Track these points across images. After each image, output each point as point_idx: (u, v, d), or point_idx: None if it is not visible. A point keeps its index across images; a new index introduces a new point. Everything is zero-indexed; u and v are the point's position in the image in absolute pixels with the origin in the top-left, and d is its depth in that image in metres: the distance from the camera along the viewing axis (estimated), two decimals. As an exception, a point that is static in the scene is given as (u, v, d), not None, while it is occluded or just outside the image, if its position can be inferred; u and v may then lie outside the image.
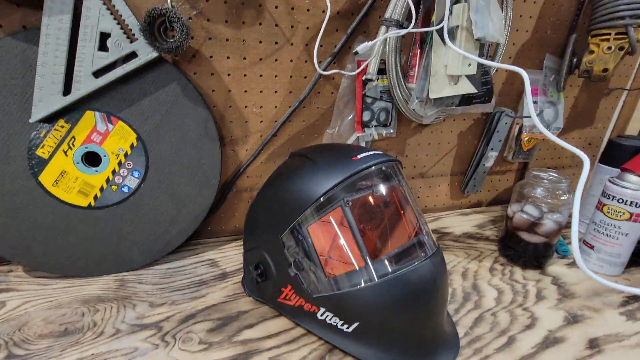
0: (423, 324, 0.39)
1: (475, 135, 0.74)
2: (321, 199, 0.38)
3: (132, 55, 0.46)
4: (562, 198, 0.54)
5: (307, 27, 0.54)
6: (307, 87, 0.55)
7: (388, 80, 0.55)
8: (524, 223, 0.56)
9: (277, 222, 0.41)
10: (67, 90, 0.44)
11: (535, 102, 0.71)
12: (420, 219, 0.44)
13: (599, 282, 0.34)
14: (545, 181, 0.55)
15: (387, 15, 0.51)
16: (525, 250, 0.57)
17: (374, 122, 0.61)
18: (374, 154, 0.41)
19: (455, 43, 0.50)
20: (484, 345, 0.42)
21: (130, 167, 0.49)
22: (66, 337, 0.40)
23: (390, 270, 0.38)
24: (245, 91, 0.55)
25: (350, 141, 0.61)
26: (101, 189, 0.49)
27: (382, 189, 0.41)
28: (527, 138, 0.73)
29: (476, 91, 0.56)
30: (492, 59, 0.61)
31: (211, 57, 0.52)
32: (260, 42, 0.53)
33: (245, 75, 0.54)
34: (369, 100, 0.59)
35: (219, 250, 0.59)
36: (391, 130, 0.63)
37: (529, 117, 0.72)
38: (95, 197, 0.49)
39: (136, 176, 0.50)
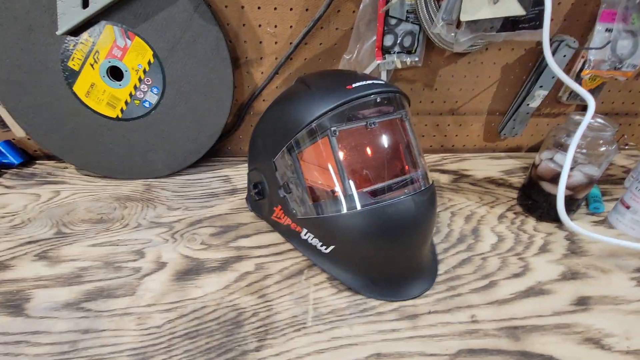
0: (396, 257, 0.40)
1: (525, 69, 0.64)
2: (310, 125, 0.38)
3: (142, -35, 0.45)
4: (601, 149, 0.47)
5: None
6: (324, 5, 0.51)
7: (413, -3, 0.48)
8: (549, 172, 0.51)
9: (271, 145, 0.42)
10: (85, 3, 0.46)
11: (609, 31, 0.57)
12: (417, 157, 0.42)
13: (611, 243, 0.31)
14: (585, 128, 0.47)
15: None
16: (545, 201, 0.53)
17: (396, 48, 0.55)
18: (372, 83, 0.39)
19: (499, -52, 0.41)
20: (460, 285, 0.42)
21: (149, 83, 0.53)
22: (100, 224, 0.49)
23: (368, 202, 0.38)
24: (259, 7, 0.53)
25: (369, 69, 0.57)
26: (126, 102, 0.53)
27: (375, 121, 0.39)
28: (588, 75, 0.61)
29: (524, 13, 0.47)
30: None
31: (222, -32, 0.49)
32: (274, -51, 0.48)
33: (257, -10, 0.51)
34: (392, 21, 0.53)
35: (234, 169, 0.64)
36: (416, 58, 0.57)
37: (600, 48, 0.59)
38: (122, 110, 0.54)
39: (155, 92, 0.53)
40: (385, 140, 0.42)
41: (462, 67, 0.62)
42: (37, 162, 0.63)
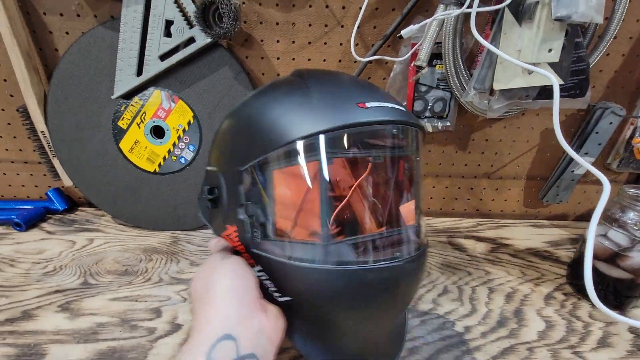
0: (356, 329, 0.33)
1: (566, 135, 0.61)
2: (300, 142, 0.28)
3: (191, 40, 0.50)
4: (665, 228, 0.42)
5: (360, 7, 0.51)
6: (355, 73, 0.53)
7: (444, 66, 0.48)
8: (603, 251, 0.46)
9: (243, 149, 0.32)
10: (139, 72, 0.51)
11: (660, 98, 0.54)
12: (416, 210, 0.34)
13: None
14: (643, 204, 0.43)
15: (448, -9, 0.44)
16: (600, 284, 0.46)
17: (427, 113, 0.55)
18: (392, 107, 0.30)
19: (533, 24, 0.41)
20: (502, 381, 0.36)
21: (187, 141, 0.56)
22: (124, 277, 0.50)
23: (351, 260, 0.30)
24: (294, 75, 0.56)
25: (398, 132, 0.57)
26: (164, 158, 0.57)
27: (383, 155, 0.31)
28: (640, 144, 0.57)
29: (561, 83, 0.46)
30: (599, 41, 0.48)
31: (262, 40, 0.53)
32: (310, 25, 0.52)
33: (293, 59, 0.55)
34: (423, 88, 0.53)
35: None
36: (448, 123, 0.56)
37: (651, 116, 0.55)
38: (160, 165, 0.57)
39: (191, 150, 0.56)
40: (389, 181, 0.33)
41: (497, 131, 0.61)
42: (79, 208, 0.67)
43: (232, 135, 0.34)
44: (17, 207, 0.63)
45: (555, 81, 0.28)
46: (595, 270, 0.47)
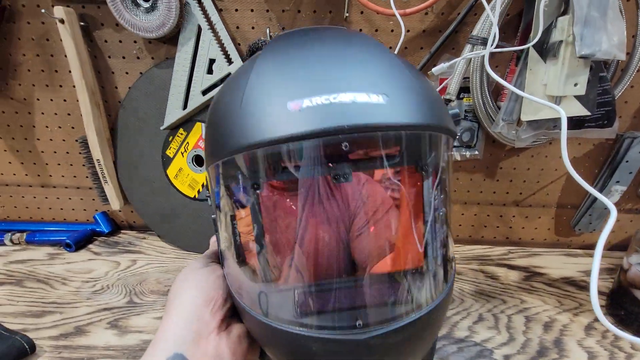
0: None
1: (595, 163, 0.61)
2: (217, 164, 0.23)
3: (229, 75, 0.55)
4: None
5: (390, 47, 0.55)
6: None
7: (472, 99, 0.51)
8: (643, 280, 0.45)
9: (208, 142, 0.26)
10: (185, 106, 0.56)
11: (691, 128, 0.54)
12: (438, 246, 0.24)
13: None
14: (682, 232, 0.43)
15: (474, 32, 0.48)
16: (642, 314, 0.45)
17: (455, 143, 0.57)
18: (351, 103, 0.19)
19: (557, 61, 0.43)
20: (546, 413, 0.36)
21: (227, 168, 0.60)
22: (165, 296, 0.52)
23: (282, 316, 0.22)
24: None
25: (427, 160, 0.59)
26: (203, 185, 0.61)
27: (350, 173, 0.22)
28: (674, 172, 0.56)
29: (588, 113, 0.48)
30: (622, 74, 0.50)
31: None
32: (344, 62, 0.57)
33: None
34: (451, 119, 0.56)
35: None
36: (476, 152, 0.58)
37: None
38: (199, 191, 0.61)
39: (231, 177, 0.60)
40: (368, 212, 0.24)
41: (524, 159, 0.62)
42: (121, 231, 0.72)
43: (209, 121, 0.26)
44: (68, 229, 0.68)
45: (563, 115, 0.29)
46: (635, 300, 0.46)
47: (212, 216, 0.29)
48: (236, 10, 0.54)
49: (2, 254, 0.63)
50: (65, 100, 0.61)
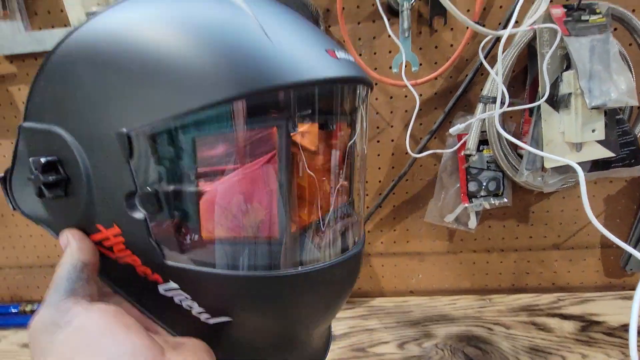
0: (307, 335, 0.27)
1: (634, 199, 0.60)
2: (240, 101, 0.20)
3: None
4: None
5: (406, 111, 0.59)
6: (407, 164, 0.59)
7: (492, 151, 0.53)
8: None
9: (127, 97, 0.20)
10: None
11: None
12: (360, 187, 0.29)
13: None
14: None
15: (484, 92, 0.51)
16: None
17: (482, 192, 0.58)
18: (354, 62, 0.24)
19: (570, 111, 0.46)
20: None
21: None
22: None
23: (311, 258, 0.24)
24: (352, 170, 0.63)
25: (456, 212, 0.60)
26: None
27: (337, 122, 0.25)
28: None
29: (613, 155, 0.48)
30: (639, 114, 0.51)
31: (324, 145, 0.63)
32: (364, 128, 0.61)
33: (351, 157, 0.63)
34: (474, 171, 0.58)
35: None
36: (505, 200, 0.58)
37: None
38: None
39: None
40: (339, 154, 0.26)
41: (556, 202, 0.61)
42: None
43: (100, 66, 0.21)
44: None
45: (579, 169, 0.28)
46: None
47: (137, 215, 0.21)
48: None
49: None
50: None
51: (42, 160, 0.22)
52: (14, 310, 0.72)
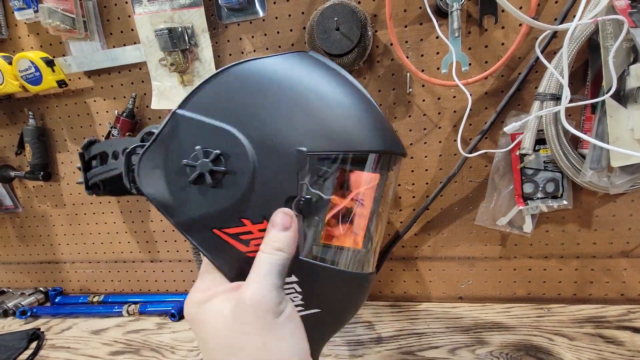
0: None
1: None
2: (375, 151, 0.30)
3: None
4: None
5: (454, 111, 0.59)
6: (456, 165, 0.58)
7: (550, 151, 0.51)
8: None
9: (312, 125, 0.28)
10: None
11: None
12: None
13: None
14: None
15: (540, 89, 0.49)
16: None
17: (539, 194, 0.56)
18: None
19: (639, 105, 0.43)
20: None
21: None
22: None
23: (366, 267, 0.35)
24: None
25: (510, 216, 0.57)
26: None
27: (388, 173, 0.36)
28: None
29: (692, 152, 0.44)
30: None
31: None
32: (410, 130, 0.61)
33: (398, 159, 0.63)
34: (529, 172, 0.55)
35: (375, 315, 0.65)
36: (564, 202, 0.55)
37: None
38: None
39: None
40: (378, 199, 0.36)
41: (623, 205, 0.57)
42: (215, 300, 0.78)
43: (298, 97, 0.27)
44: (172, 299, 0.76)
45: None
46: None
47: (303, 199, 0.28)
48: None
49: (121, 324, 0.72)
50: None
51: (217, 151, 0.26)
52: (83, 301, 0.79)
